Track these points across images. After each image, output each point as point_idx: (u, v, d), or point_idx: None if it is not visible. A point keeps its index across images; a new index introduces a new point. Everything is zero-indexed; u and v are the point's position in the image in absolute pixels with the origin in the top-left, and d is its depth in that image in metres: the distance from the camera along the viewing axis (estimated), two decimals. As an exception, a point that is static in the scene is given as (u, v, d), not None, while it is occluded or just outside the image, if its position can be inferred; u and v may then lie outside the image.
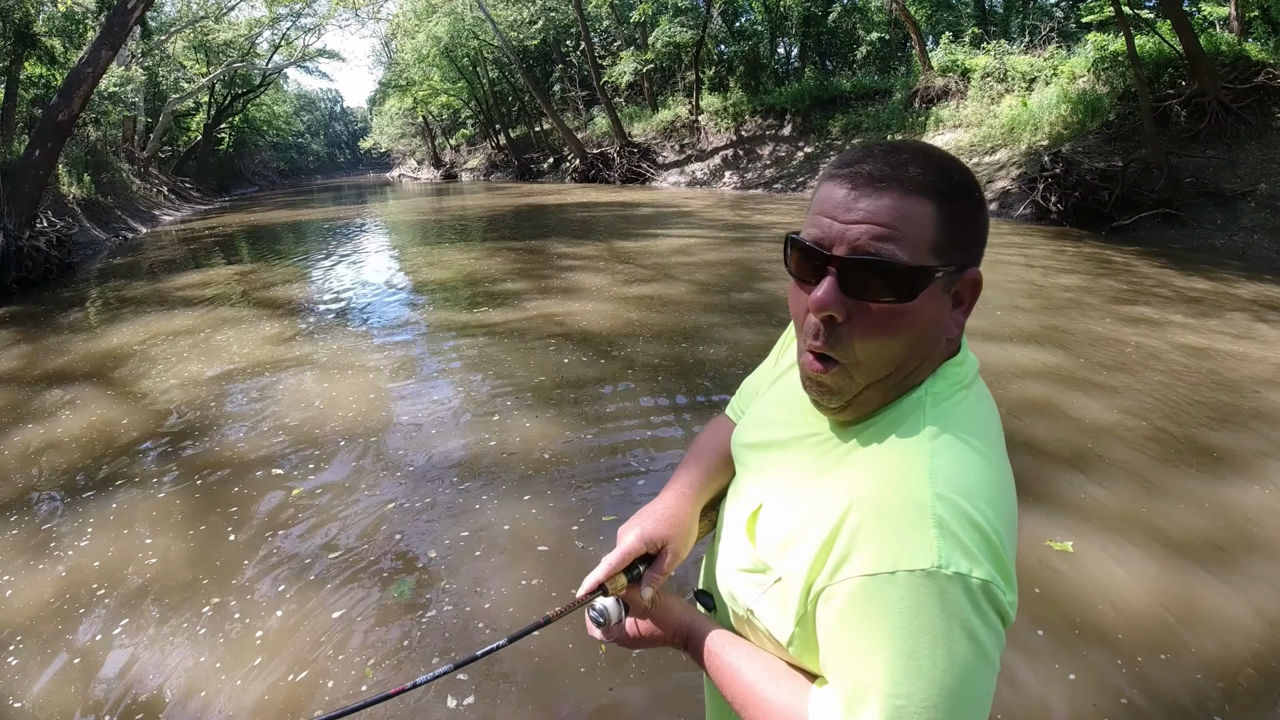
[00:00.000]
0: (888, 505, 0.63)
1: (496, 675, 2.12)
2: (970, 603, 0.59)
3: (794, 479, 0.75)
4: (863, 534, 0.62)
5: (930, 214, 0.64)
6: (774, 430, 0.82)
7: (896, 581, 0.60)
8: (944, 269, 0.65)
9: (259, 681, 2.12)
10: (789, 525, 0.71)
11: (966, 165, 0.68)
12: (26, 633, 2.38)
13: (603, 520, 2.92)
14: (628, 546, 0.83)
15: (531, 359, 5.03)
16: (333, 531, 2.92)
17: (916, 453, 0.65)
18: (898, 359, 0.67)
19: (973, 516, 0.61)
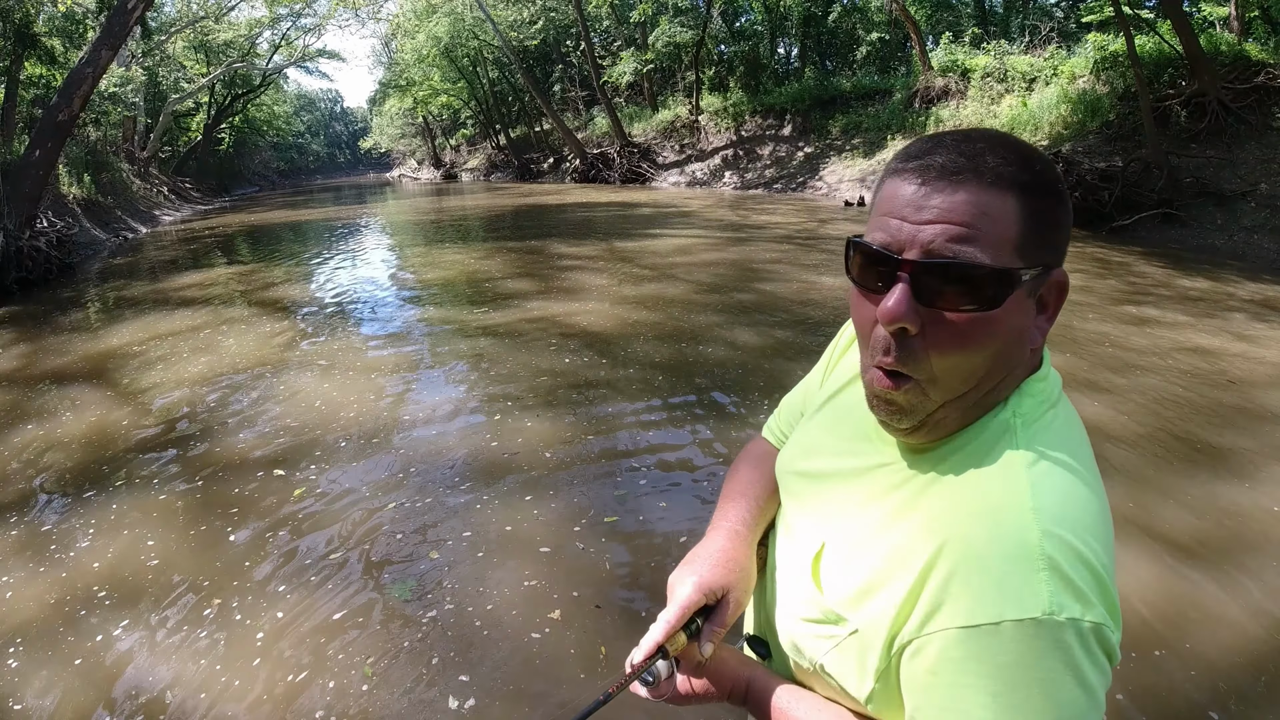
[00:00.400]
0: (987, 546, 0.56)
1: (497, 677, 2.12)
2: (1083, 648, 0.53)
3: (863, 516, 0.66)
4: (958, 580, 0.56)
5: (1013, 209, 0.57)
6: (832, 458, 0.74)
7: (1001, 633, 0.53)
8: (1029, 270, 0.58)
9: (259, 682, 2.12)
10: (864, 570, 0.63)
11: (1049, 157, 0.61)
12: (27, 634, 2.38)
13: (604, 521, 2.91)
14: (686, 600, 0.74)
15: (533, 359, 5.03)
16: (334, 532, 2.92)
17: (1015, 484, 0.58)
18: (979, 373, 0.60)
19: (1083, 554, 0.55)
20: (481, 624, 2.34)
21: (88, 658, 2.24)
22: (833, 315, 6.03)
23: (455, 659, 2.19)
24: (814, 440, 0.78)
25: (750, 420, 3.87)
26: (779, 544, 0.80)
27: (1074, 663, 0.53)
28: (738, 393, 4.28)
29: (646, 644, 0.74)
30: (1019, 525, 0.56)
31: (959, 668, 0.55)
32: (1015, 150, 0.59)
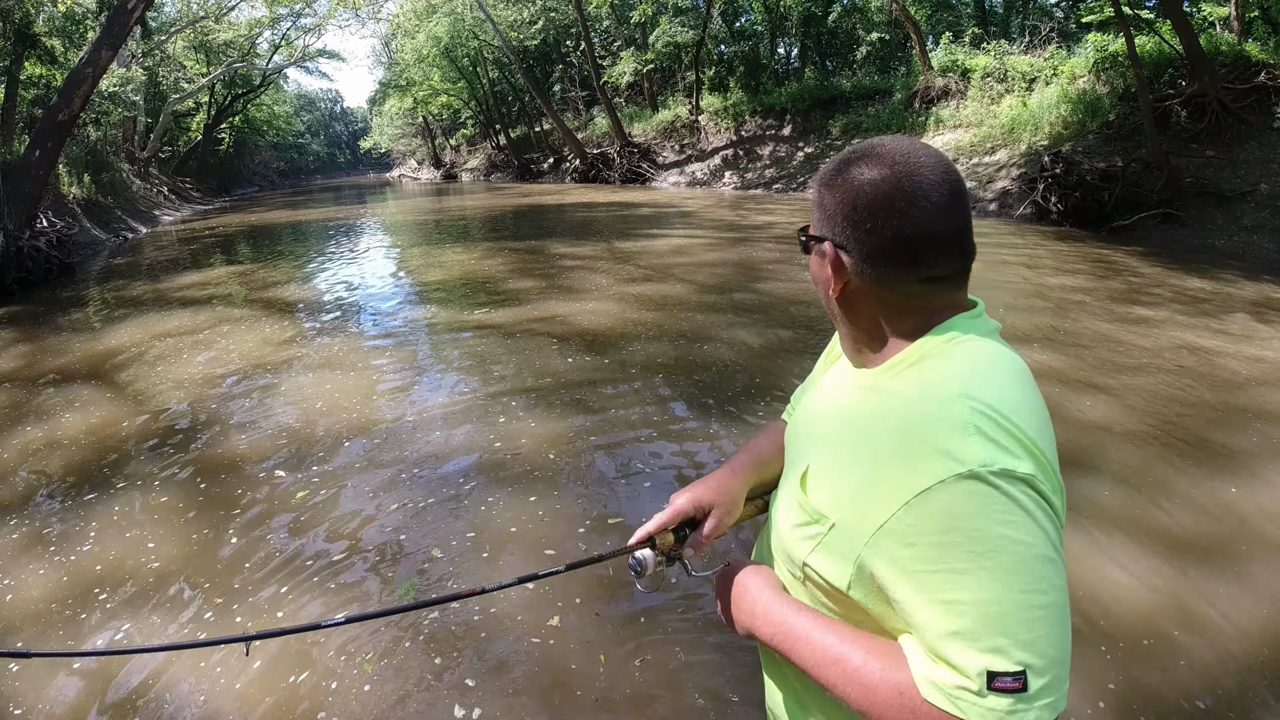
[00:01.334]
0: (921, 424, 0.68)
1: (503, 684, 2.13)
2: (1021, 493, 0.64)
3: (837, 433, 0.82)
4: (904, 455, 0.68)
5: (814, 199, 0.85)
6: (822, 401, 0.92)
7: (947, 489, 0.64)
8: (811, 237, 0.85)
9: (261, 684, 2.12)
10: (837, 474, 0.77)
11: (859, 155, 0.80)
12: (28, 636, 2.38)
13: (609, 524, 2.91)
14: (678, 506, 0.96)
15: (535, 359, 5.03)
16: (336, 533, 2.92)
17: (945, 376, 0.72)
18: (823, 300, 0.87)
19: (1006, 425, 0.67)
20: (483, 629, 2.34)
21: (86, 663, 2.24)
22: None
23: (458, 661, 2.19)
24: (815, 396, 0.97)
25: (751, 419, 3.87)
26: (779, 487, 0.95)
27: (1018, 505, 0.63)
28: (738, 392, 4.28)
29: (640, 532, 0.96)
30: (947, 402, 0.69)
31: (921, 532, 0.65)
32: (838, 159, 0.83)
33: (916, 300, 0.79)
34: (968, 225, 0.80)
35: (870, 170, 0.77)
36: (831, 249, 0.81)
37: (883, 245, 0.77)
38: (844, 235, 0.79)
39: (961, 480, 0.64)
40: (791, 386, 4.43)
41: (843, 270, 0.80)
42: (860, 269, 0.79)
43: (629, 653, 2.17)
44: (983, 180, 14.06)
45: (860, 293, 0.81)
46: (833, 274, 0.82)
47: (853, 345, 0.86)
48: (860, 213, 0.77)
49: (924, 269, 0.77)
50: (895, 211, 0.76)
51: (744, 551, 2.65)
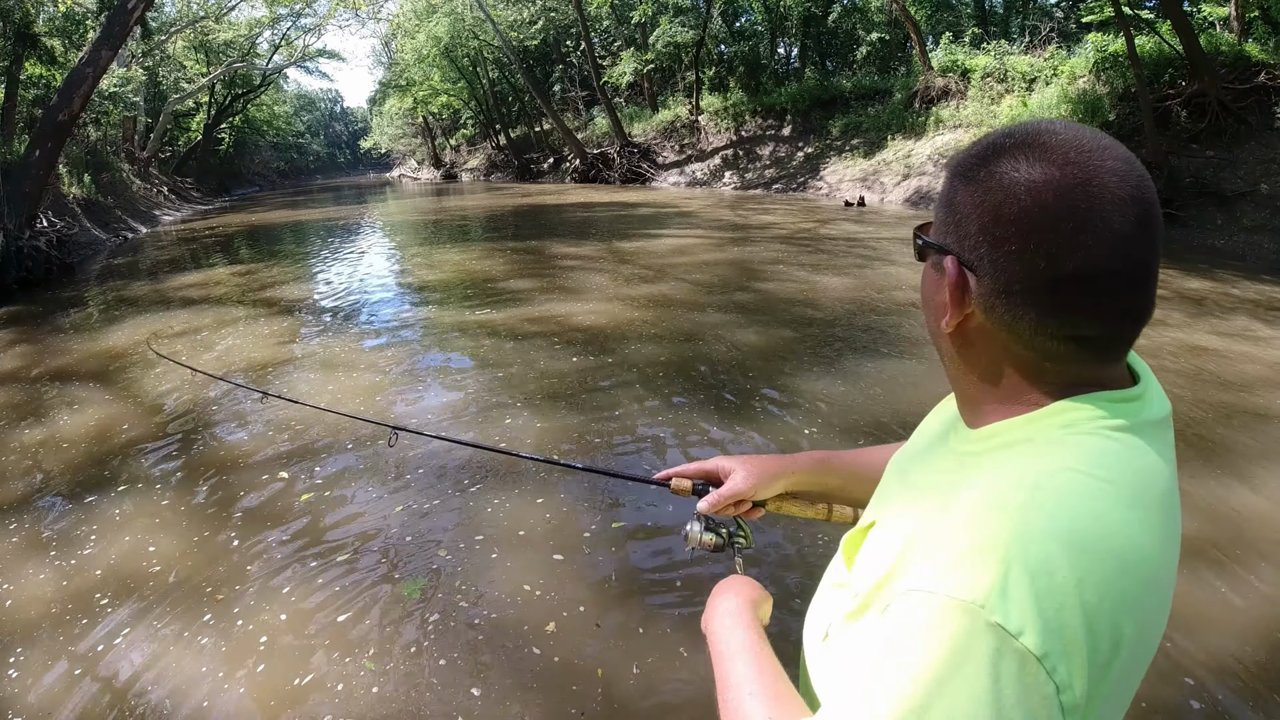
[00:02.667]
0: (963, 528, 0.53)
1: (502, 692, 2.13)
2: (998, 664, 0.47)
3: (907, 493, 0.69)
4: (930, 550, 0.54)
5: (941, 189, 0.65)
6: (916, 444, 0.80)
7: (930, 602, 0.50)
8: (929, 243, 0.64)
9: (263, 687, 2.11)
10: (884, 543, 0.64)
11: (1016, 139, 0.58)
12: (28, 639, 2.37)
13: (612, 527, 2.90)
14: (705, 463, 0.97)
15: (537, 359, 5.03)
16: (341, 535, 2.91)
17: (1025, 479, 0.54)
18: (930, 328, 0.67)
19: (1061, 583, 0.48)
20: (485, 634, 2.33)
21: (89, 664, 2.23)
22: (833, 315, 6.03)
23: (461, 665, 2.19)
24: (920, 432, 0.83)
25: (753, 420, 3.87)
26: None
27: (979, 680, 0.47)
28: (741, 392, 4.28)
29: (665, 472, 1.00)
30: (999, 515, 0.52)
31: (886, 624, 0.53)
32: (980, 140, 0.62)
33: (1052, 363, 0.59)
34: (1154, 270, 0.57)
35: (1031, 168, 0.55)
36: (955, 268, 0.59)
37: (1028, 278, 0.55)
38: (975, 252, 0.58)
39: (950, 604, 0.49)
40: (791, 386, 4.44)
41: (965, 299, 0.59)
42: (990, 303, 0.58)
43: (628, 668, 2.14)
44: (983, 180, 14.05)
45: (983, 334, 0.60)
46: (950, 301, 0.60)
47: (959, 394, 0.68)
48: (1005, 226, 0.56)
49: (1075, 323, 0.56)
50: (1056, 234, 0.54)
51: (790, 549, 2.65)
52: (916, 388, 4.25)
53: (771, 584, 2.55)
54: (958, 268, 0.59)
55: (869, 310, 6.15)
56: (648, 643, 2.24)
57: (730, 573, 0.94)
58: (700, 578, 2.57)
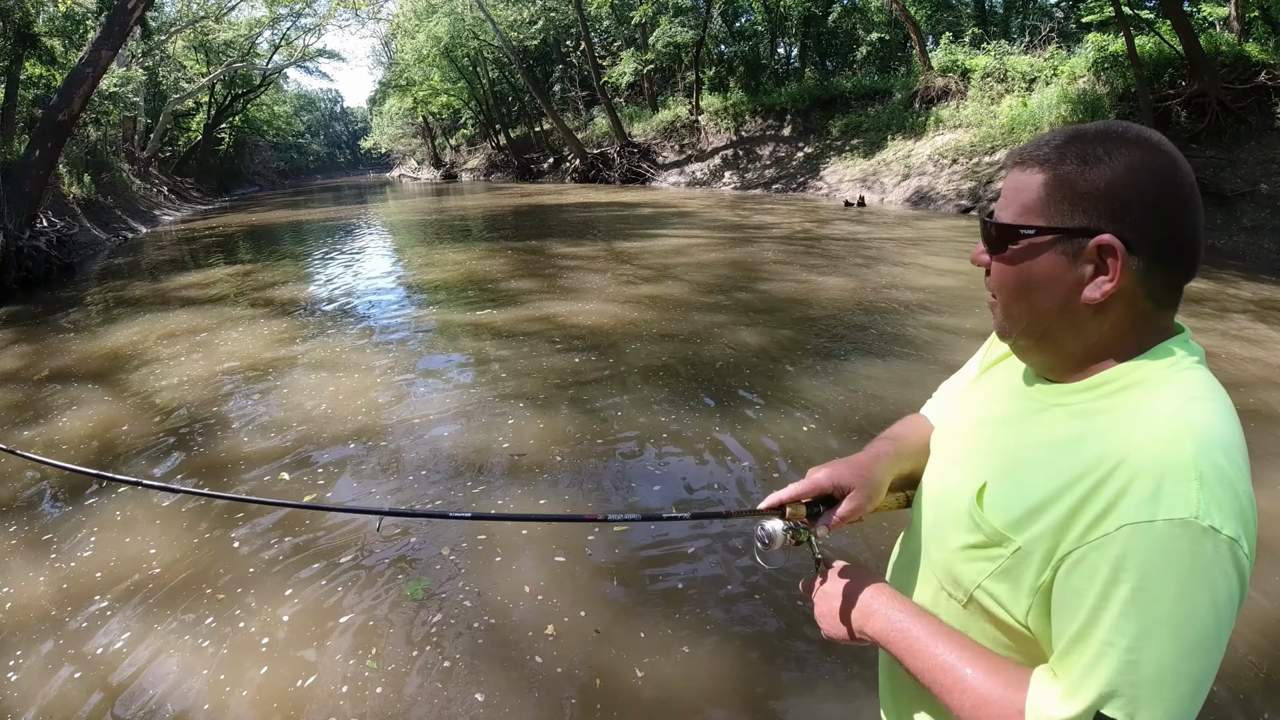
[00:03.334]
0: (1148, 460, 0.63)
1: (514, 690, 2.12)
2: (1217, 558, 0.60)
3: (1023, 451, 0.75)
4: (1120, 489, 0.63)
5: (1035, 181, 0.72)
6: (987, 411, 0.85)
7: (1153, 530, 0.60)
8: (1042, 229, 0.71)
9: (266, 690, 2.10)
10: (1030, 495, 0.70)
11: (1114, 132, 0.70)
12: (27, 642, 2.35)
13: (615, 530, 2.87)
14: (816, 480, 0.88)
15: (539, 360, 5.02)
16: (344, 536, 2.89)
17: (1172, 411, 0.66)
18: (1015, 309, 0.75)
19: (1229, 477, 0.63)
20: (486, 640, 2.33)
21: (89, 668, 2.21)
22: (833, 314, 6.03)
23: (463, 669, 2.19)
24: (971, 403, 0.91)
25: (753, 419, 3.87)
26: (928, 494, 0.90)
27: (1210, 569, 0.59)
28: (743, 393, 4.28)
29: (771, 498, 0.88)
30: (1176, 442, 0.63)
31: (1110, 564, 0.61)
32: (1065, 134, 0.72)
33: (1154, 315, 0.72)
34: None
35: (1159, 158, 0.68)
36: (1119, 244, 0.67)
37: (1171, 246, 0.69)
38: (1133, 228, 0.68)
39: (1170, 526, 0.60)
40: (791, 385, 4.44)
41: (1126, 271, 0.68)
42: (1144, 268, 0.69)
43: (625, 680, 2.11)
44: (983, 180, 14.06)
45: (1121, 298, 0.70)
46: (1113, 274, 0.68)
47: (1058, 357, 0.76)
48: (1161, 206, 0.68)
49: (1188, 275, 0.71)
50: (1189, 206, 0.69)
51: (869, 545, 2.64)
52: (916, 387, 4.24)
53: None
54: (1121, 245, 0.68)
55: (869, 310, 6.15)
56: (648, 648, 2.22)
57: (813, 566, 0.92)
58: (699, 579, 2.57)
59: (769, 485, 3.19)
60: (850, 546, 2.67)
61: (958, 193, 14.28)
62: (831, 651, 2.18)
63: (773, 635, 2.29)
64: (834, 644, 0.89)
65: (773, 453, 3.50)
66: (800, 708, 2.01)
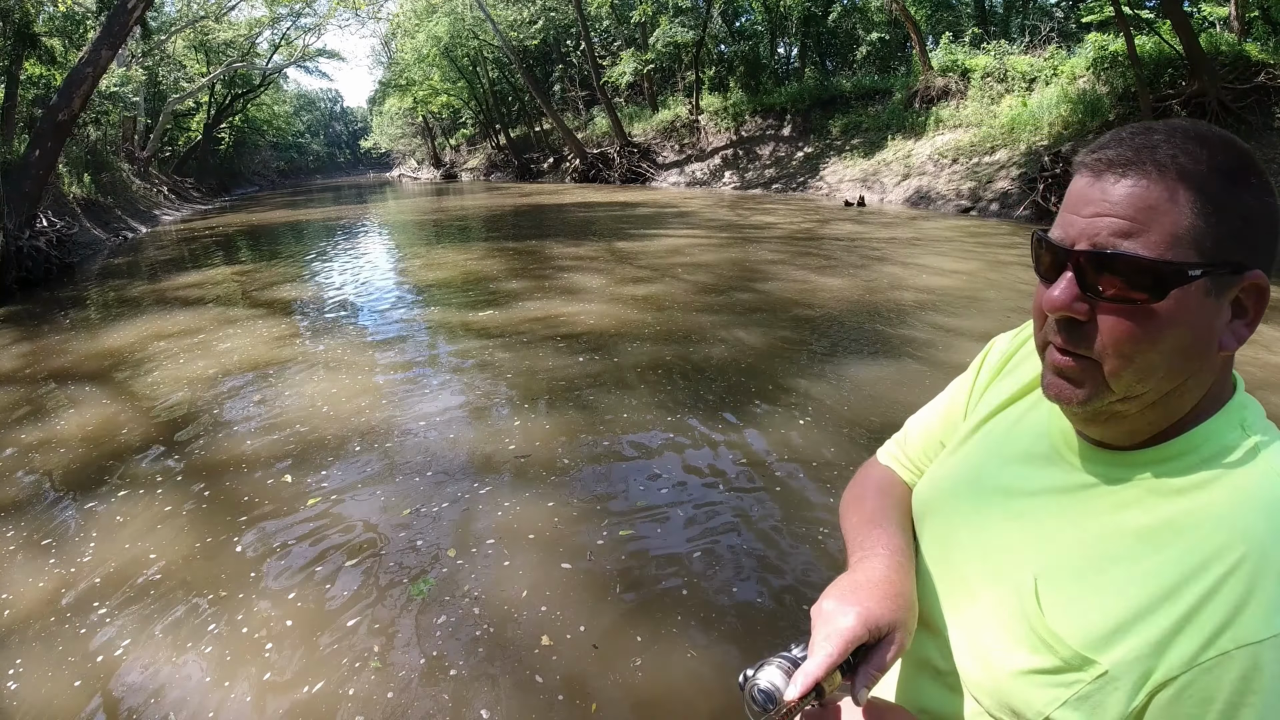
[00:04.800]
0: (1263, 566, 0.52)
1: (519, 702, 2.12)
2: None
3: (1086, 541, 0.61)
4: (1245, 598, 0.51)
5: (1184, 201, 0.54)
6: (1008, 479, 0.69)
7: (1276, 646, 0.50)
8: (1205, 267, 0.55)
9: (270, 697, 2.08)
10: (1112, 603, 0.57)
11: (1243, 145, 0.57)
12: (26, 648, 2.33)
13: (620, 534, 2.83)
14: (849, 633, 0.64)
15: (542, 360, 5.02)
16: (348, 539, 2.87)
17: (1271, 496, 0.55)
18: (1156, 368, 0.57)
19: None
20: (482, 644, 2.32)
21: (88, 675, 2.18)
22: (833, 315, 6.03)
23: (468, 676, 2.18)
24: (978, 466, 0.73)
25: (753, 420, 3.86)
26: (948, 594, 0.72)
27: None
28: (740, 392, 4.28)
29: (803, 679, 0.63)
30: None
31: (1235, 688, 0.50)
32: (1198, 139, 0.56)
33: (1227, 359, 0.61)
34: None
35: (1225, 141, 0.57)
36: (1266, 284, 0.58)
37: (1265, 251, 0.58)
38: (1268, 261, 0.58)
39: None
40: (791, 386, 4.44)
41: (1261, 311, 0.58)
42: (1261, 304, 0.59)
43: (622, 706, 2.06)
44: (983, 180, 14.06)
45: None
46: (1253, 318, 0.59)
47: (1151, 420, 0.61)
48: (1262, 211, 0.57)
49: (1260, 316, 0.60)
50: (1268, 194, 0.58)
51: None
52: (916, 388, 4.24)
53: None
54: (1267, 281, 0.57)
55: (869, 311, 6.15)
56: (645, 672, 2.18)
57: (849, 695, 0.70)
58: (702, 587, 2.56)
59: (770, 486, 3.19)
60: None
61: (958, 193, 14.28)
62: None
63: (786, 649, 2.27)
64: None
65: (774, 452, 3.50)
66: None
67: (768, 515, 2.95)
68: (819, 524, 2.86)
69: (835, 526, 2.83)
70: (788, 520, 2.91)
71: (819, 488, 3.15)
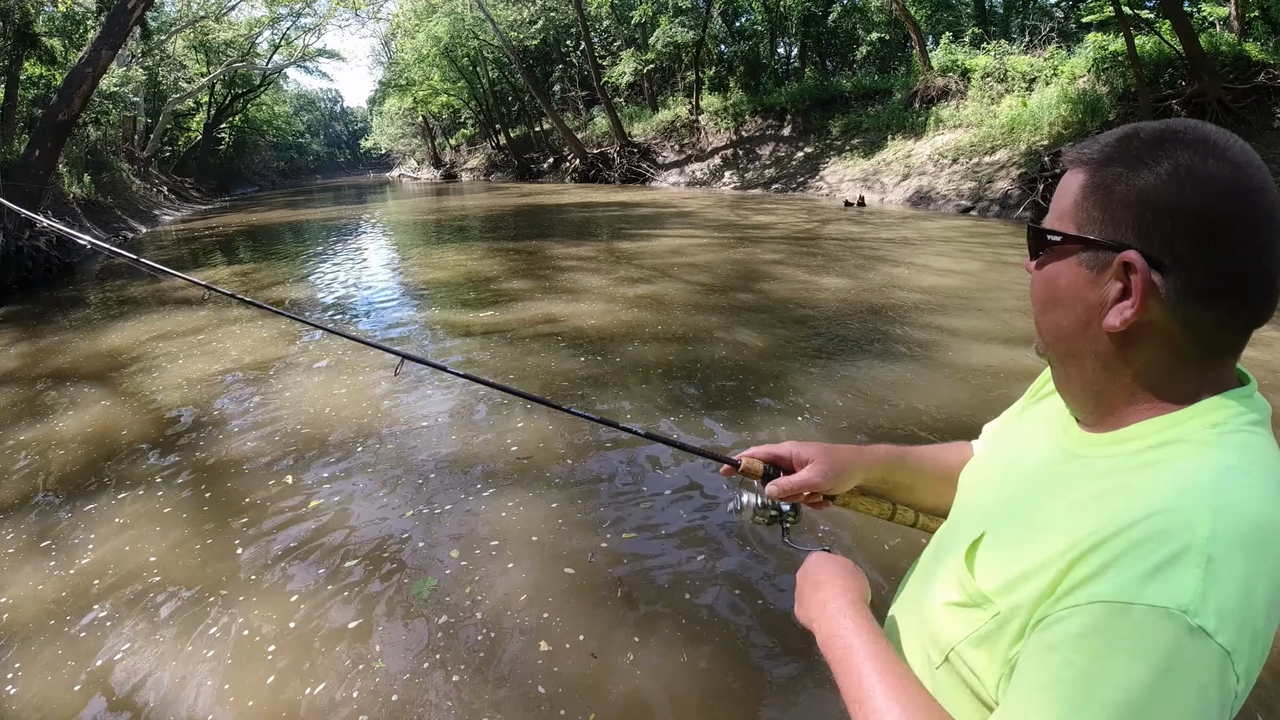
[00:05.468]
0: (1154, 534, 0.53)
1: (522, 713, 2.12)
2: (1197, 669, 0.49)
3: (1033, 505, 0.66)
4: (1114, 560, 0.53)
5: (1076, 182, 0.63)
6: (1018, 451, 0.77)
7: (1130, 614, 0.50)
8: (1071, 237, 0.62)
9: (274, 700, 2.07)
10: (1023, 556, 0.61)
11: (1172, 132, 0.59)
12: (25, 652, 2.31)
13: (623, 538, 2.83)
14: (776, 448, 0.93)
15: (544, 361, 5.01)
16: (348, 541, 2.86)
17: (1202, 482, 0.55)
18: (1041, 324, 0.68)
19: (1247, 577, 0.51)
20: (484, 650, 2.32)
21: (88, 681, 2.17)
22: (834, 315, 6.02)
23: (469, 681, 2.18)
24: (1011, 438, 0.84)
25: (754, 420, 3.86)
26: (938, 536, 0.85)
27: (1185, 678, 0.49)
28: (741, 393, 4.28)
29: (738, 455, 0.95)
30: (1192, 518, 0.53)
31: (1073, 642, 0.52)
32: (1120, 132, 0.63)
33: (1200, 360, 0.61)
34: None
35: (1217, 165, 0.57)
36: (1142, 264, 0.58)
37: (1220, 277, 0.57)
38: (1169, 249, 0.57)
39: (1151, 615, 0.50)
40: (791, 386, 4.43)
41: (1152, 297, 0.58)
42: (1179, 299, 0.58)
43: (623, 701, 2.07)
44: (983, 180, 14.06)
45: (1152, 330, 0.60)
46: (1136, 298, 0.58)
47: (1086, 395, 0.66)
48: (1207, 224, 0.56)
49: (1250, 319, 0.59)
50: (1251, 231, 0.56)
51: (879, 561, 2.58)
52: (915, 388, 4.24)
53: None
54: (1145, 264, 0.58)
55: (869, 311, 6.14)
56: (644, 681, 2.17)
57: (786, 548, 0.93)
58: (702, 596, 2.56)
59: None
60: (853, 552, 2.66)
61: (958, 193, 14.28)
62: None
63: (783, 659, 2.28)
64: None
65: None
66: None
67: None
68: (825, 538, 2.86)
69: (836, 537, 2.83)
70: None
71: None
